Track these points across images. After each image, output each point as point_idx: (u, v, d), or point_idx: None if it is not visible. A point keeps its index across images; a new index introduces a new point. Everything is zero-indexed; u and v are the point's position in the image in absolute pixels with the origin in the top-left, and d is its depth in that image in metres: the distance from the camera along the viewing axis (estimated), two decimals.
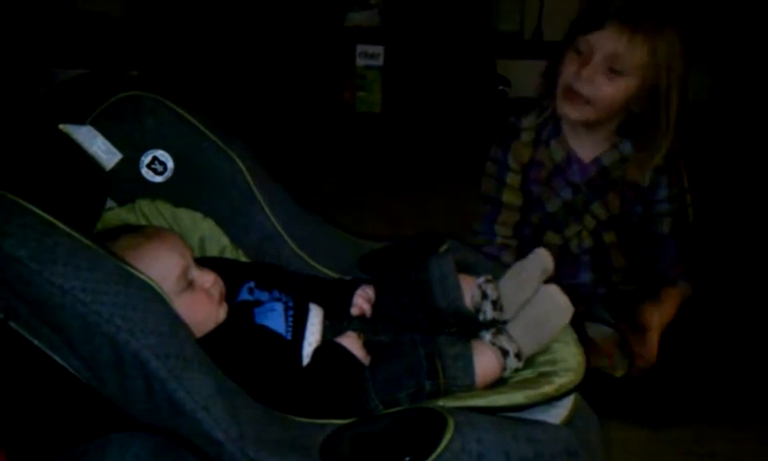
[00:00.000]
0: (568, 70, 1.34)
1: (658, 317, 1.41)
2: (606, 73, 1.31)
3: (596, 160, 1.43)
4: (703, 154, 2.35)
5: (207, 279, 1.02)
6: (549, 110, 1.43)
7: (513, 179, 1.47)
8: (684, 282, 1.47)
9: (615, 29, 1.28)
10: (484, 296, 1.05)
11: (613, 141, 1.42)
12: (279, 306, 1.05)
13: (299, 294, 1.09)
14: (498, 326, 1.02)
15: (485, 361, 0.96)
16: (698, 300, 1.48)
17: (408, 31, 2.59)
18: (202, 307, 1.00)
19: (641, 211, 1.45)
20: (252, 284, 1.09)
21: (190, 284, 1.00)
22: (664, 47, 1.30)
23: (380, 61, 2.63)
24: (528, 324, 1.00)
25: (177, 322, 0.87)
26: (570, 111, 1.36)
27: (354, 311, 1.10)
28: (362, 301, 1.10)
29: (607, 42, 1.29)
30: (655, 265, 1.48)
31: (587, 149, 1.43)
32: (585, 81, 1.32)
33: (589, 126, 1.40)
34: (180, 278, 0.99)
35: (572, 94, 1.34)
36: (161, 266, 0.97)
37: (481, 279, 1.07)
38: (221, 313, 1.02)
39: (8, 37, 2.54)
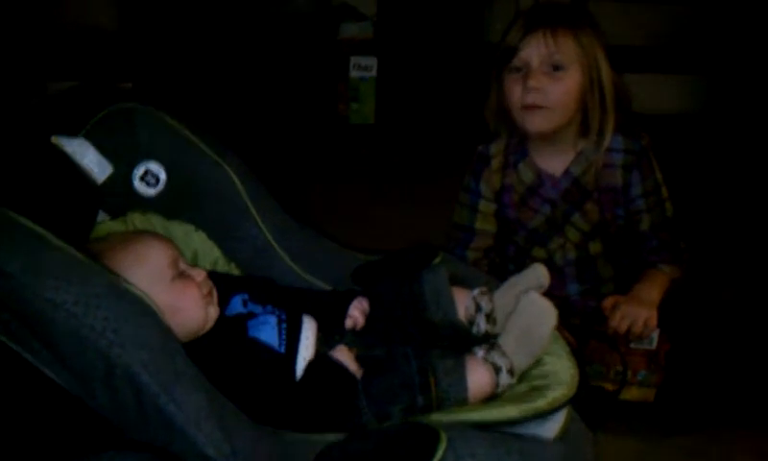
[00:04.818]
0: (515, 90, 1.38)
1: (624, 300, 1.40)
2: (550, 74, 1.36)
3: (567, 173, 1.45)
4: (696, 164, 2.36)
5: (198, 272, 1.03)
6: (514, 135, 1.46)
7: (485, 206, 1.49)
8: (666, 266, 1.46)
9: (540, 34, 1.35)
10: (478, 308, 1.05)
11: (577, 149, 1.44)
12: (273, 319, 1.04)
13: (292, 307, 1.09)
14: (491, 340, 1.02)
15: (477, 377, 0.96)
16: (693, 302, 1.48)
17: (401, 43, 2.60)
18: (192, 297, 1.00)
19: (623, 214, 1.46)
20: (245, 297, 1.09)
21: (181, 274, 1.01)
22: (586, 38, 1.38)
23: (374, 73, 2.64)
24: (517, 335, 1.00)
25: (168, 336, 0.86)
26: (534, 123, 1.38)
27: (348, 323, 1.10)
28: (356, 313, 1.10)
29: (537, 48, 1.35)
30: (637, 262, 1.49)
31: (555, 164, 1.45)
32: (534, 91, 1.35)
33: (553, 137, 1.42)
34: (171, 265, 1.00)
35: (529, 108, 1.37)
36: (152, 254, 0.99)
37: (475, 292, 1.07)
38: (212, 311, 1.02)
39: (0, 50, 2.54)
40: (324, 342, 1.04)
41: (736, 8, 2.69)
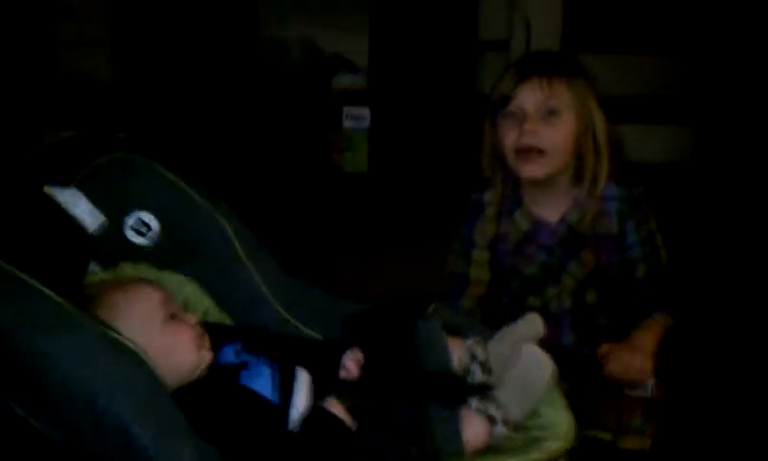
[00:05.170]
0: (510, 134, 1.39)
1: (617, 348, 1.40)
2: (545, 119, 1.37)
3: (562, 220, 1.45)
4: (685, 213, 2.38)
5: (191, 316, 1.03)
6: (507, 183, 1.47)
7: (479, 255, 1.49)
8: (661, 315, 1.46)
9: (535, 80, 1.37)
10: (472, 358, 1.05)
11: (572, 195, 1.45)
12: (266, 370, 1.03)
13: (286, 357, 1.08)
14: (486, 391, 1.01)
15: (472, 429, 0.95)
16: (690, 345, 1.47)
17: (393, 93, 2.63)
18: (185, 338, 1.00)
19: (618, 261, 1.46)
20: (238, 347, 1.08)
21: (174, 316, 1.01)
22: (580, 85, 1.39)
23: (367, 123, 2.66)
24: (514, 387, 0.99)
25: (158, 387, 0.86)
26: (530, 169, 1.39)
27: (342, 374, 1.09)
28: (350, 363, 1.09)
29: (533, 93, 1.36)
30: (633, 308, 1.48)
31: (550, 211, 1.45)
32: (530, 134, 1.36)
33: (547, 184, 1.42)
34: (164, 306, 1.00)
35: (524, 152, 1.38)
36: (144, 295, 0.99)
37: (470, 341, 1.07)
38: (205, 355, 1.01)
39: None
40: (318, 393, 1.03)
41: (724, 60, 2.74)
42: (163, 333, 0.97)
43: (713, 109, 2.76)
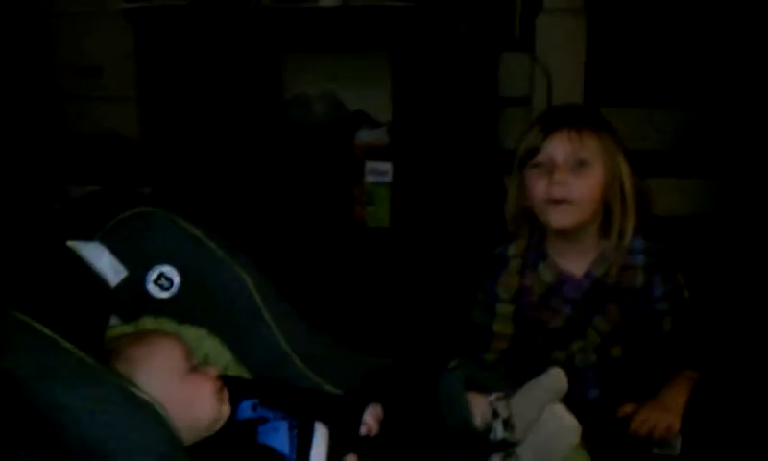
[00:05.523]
0: (539, 184, 1.38)
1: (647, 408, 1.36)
2: (575, 170, 1.36)
3: (588, 274, 1.44)
4: (710, 267, 2.35)
5: (212, 369, 1.04)
6: (533, 236, 1.46)
7: (503, 308, 1.47)
8: (689, 371, 1.43)
9: (564, 132, 1.37)
10: (495, 414, 1.03)
11: (598, 248, 1.43)
12: (284, 425, 1.03)
13: (304, 412, 1.07)
14: (508, 449, 0.99)
15: None
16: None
17: (415, 149, 2.65)
18: (206, 391, 1.00)
19: (644, 315, 1.44)
20: (256, 402, 1.07)
21: (194, 368, 1.01)
22: (607, 137, 1.40)
23: (389, 178, 2.68)
24: (537, 448, 0.97)
25: (175, 443, 0.85)
26: (559, 218, 1.38)
27: (363, 431, 1.07)
28: (371, 420, 1.08)
29: (563, 144, 1.37)
30: (660, 364, 1.46)
31: (576, 264, 1.44)
32: (560, 185, 1.36)
33: (574, 236, 1.42)
34: (185, 359, 1.00)
35: (553, 202, 1.37)
36: (166, 348, 1.00)
37: (492, 397, 1.05)
38: (224, 409, 1.01)
39: (25, 155, 2.62)
40: (337, 449, 1.02)
41: (747, 113, 2.73)
42: (183, 386, 0.97)
43: (737, 161, 2.75)
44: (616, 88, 2.93)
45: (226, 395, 1.03)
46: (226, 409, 1.02)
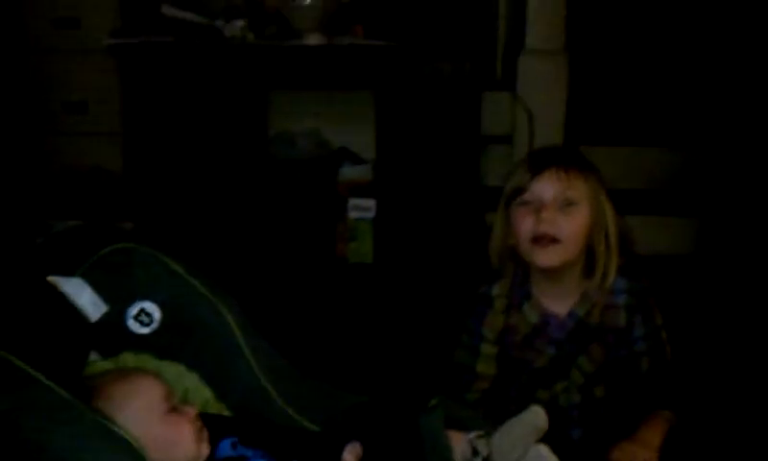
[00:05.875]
0: (526, 222, 1.39)
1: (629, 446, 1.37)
2: (562, 209, 1.37)
3: (571, 313, 1.44)
4: (689, 306, 2.37)
5: (190, 409, 1.03)
6: (517, 275, 1.46)
7: (487, 349, 1.48)
8: (665, 412, 1.44)
9: (552, 172, 1.38)
10: (475, 452, 1.03)
11: (581, 288, 1.44)
12: None
13: (283, 451, 1.06)
14: None
15: None
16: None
17: (399, 186, 2.66)
18: (186, 430, 1.00)
19: (625, 355, 1.45)
20: (236, 440, 1.07)
21: (174, 409, 1.01)
22: (593, 179, 1.41)
23: (372, 214, 2.68)
24: None
25: None
26: (545, 258, 1.39)
27: None
28: (350, 458, 1.07)
29: (550, 184, 1.38)
30: (638, 404, 1.46)
31: (559, 304, 1.45)
32: (547, 222, 1.36)
33: (559, 276, 1.42)
34: (165, 399, 1.00)
35: (539, 240, 1.38)
36: (145, 387, 1.00)
37: (472, 435, 1.05)
38: (203, 449, 1.01)
39: (8, 189, 2.60)
40: None
41: (728, 152, 2.77)
42: (163, 427, 0.97)
43: (718, 200, 2.78)
44: (597, 128, 2.97)
45: (205, 434, 1.03)
46: (205, 449, 1.02)
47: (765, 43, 2.56)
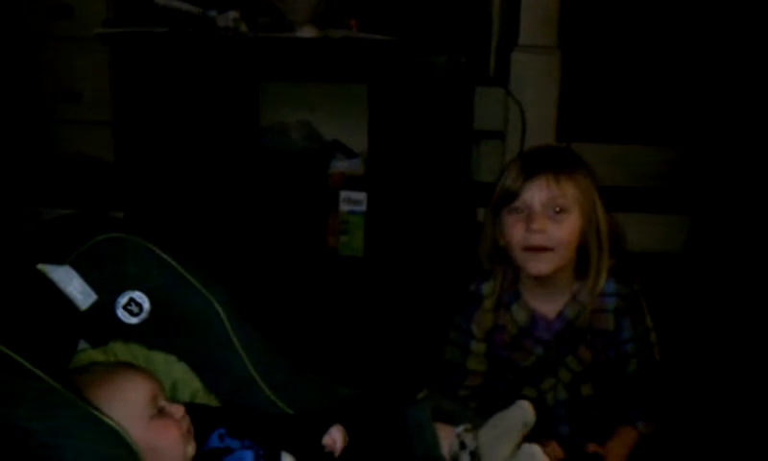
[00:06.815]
0: (517, 230, 1.38)
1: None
2: (552, 217, 1.37)
3: (560, 315, 1.44)
4: (679, 304, 2.38)
5: (177, 409, 1.02)
6: (507, 275, 1.46)
7: (477, 346, 1.48)
8: (642, 423, 1.45)
9: (542, 178, 1.37)
10: (462, 446, 1.03)
11: (572, 291, 1.44)
12: (249, 455, 1.02)
13: (271, 441, 1.07)
14: None
15: None
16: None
17: (390, 179, 2.66)
18: (170, 435, 0.99)
19: (614, 356, 1.46)
20: (222, 431, 1.07)
21: (160, 411, 1.00)
22: (584, 180, 1.40)
23: (363, 207, 2.68)
24: None
25: None
26: (537, 267, 1.38)
27: (327, 441, 1.07)
28: (336, 433, 1.08)
29: (540, 191, 1.37)
30: (621, 407, 1.47)
31: (548, 305, 1.45)
32: (538, 233, 1.36)
33: (549, 279, 1.42)
34: (151, 402, 0.99)
35: (531, 249, 1.37)
36: (132, 391, 0.98)
37: (459, 429, 1.06)
38: (189, 448, 1.01)
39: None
40: None
41: (720, 150, 2.78)
42: (149, 432, 0.96)
43: (709, 198, 2.79)
44: (589, 125, 2.98)
45: (192, 434, 1.03)
46: (191, 449, 1.01)
47: (758, 41, 2.57)
